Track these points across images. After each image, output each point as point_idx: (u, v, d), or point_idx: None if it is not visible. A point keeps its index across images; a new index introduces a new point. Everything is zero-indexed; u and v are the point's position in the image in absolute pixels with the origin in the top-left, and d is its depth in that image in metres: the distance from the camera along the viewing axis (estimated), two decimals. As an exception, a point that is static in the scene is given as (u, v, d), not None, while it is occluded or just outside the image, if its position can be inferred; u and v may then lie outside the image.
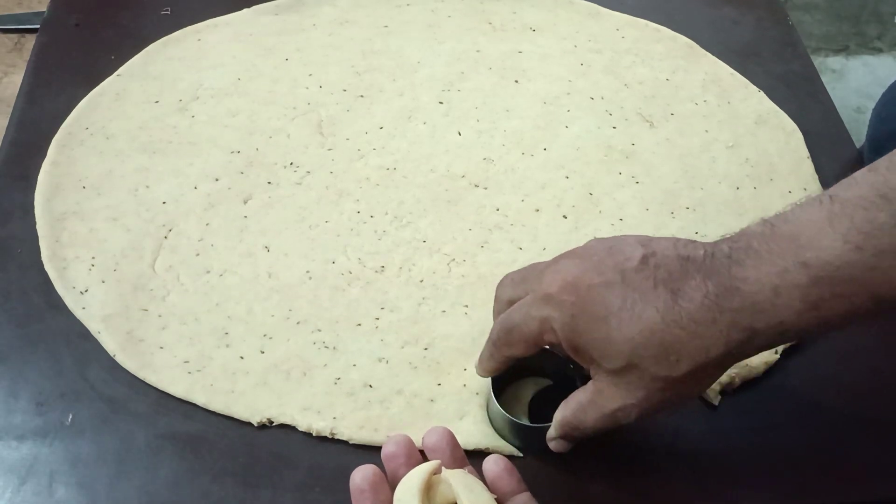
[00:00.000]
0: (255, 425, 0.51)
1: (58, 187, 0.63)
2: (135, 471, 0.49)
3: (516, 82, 0.73)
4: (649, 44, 0.77)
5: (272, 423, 0.51)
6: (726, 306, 0.39)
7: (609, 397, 0.43)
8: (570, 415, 0.45)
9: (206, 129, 0.67)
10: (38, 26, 0.77)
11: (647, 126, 0.69)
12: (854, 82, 1.64)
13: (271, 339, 0.55)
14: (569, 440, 0.46)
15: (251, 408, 0.51)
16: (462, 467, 0.43)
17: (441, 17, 0.78)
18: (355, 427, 0.51)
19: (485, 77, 0.73)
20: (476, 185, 0.64)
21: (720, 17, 0.81)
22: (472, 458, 0.45)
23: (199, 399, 0.52)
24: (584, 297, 0.42)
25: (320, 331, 0.55)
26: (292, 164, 0.65)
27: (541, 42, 0.76)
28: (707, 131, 0.69)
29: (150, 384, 0.52)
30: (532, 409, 0.51)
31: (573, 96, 0.71)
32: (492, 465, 0.43)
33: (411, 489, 0.39)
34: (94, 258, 0.58)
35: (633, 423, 0.43)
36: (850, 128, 0.71)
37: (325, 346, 0.54)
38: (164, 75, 0.71)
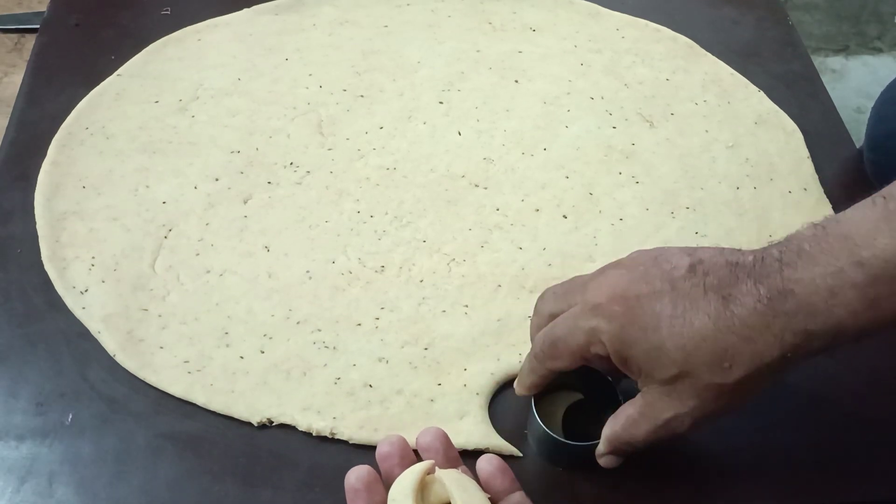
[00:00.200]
0: (255, 425, 0.51)
1: (58, 187, 0.63)
2: (134, 471, 0.49)
3: (516, 82, 0.73)
4: (649, 44, 0.77)
5: (272, 422, 0.51)
6: (780, 309, 0.39)
7: (661, 408, 0.42)
8: (621, 429, 0.44)
9: (206, 128, 0.67)
10: (38, 26, 0.77)
11: (647, 126, 0.70)
12: (854, 82, 1.64)
13: (271, 338, 0.55)
14: (619, 455, 0.46)
15: (251, 408, 0.51)
16: (456, 467, 0.43)
17: (441, 17, 0.78)
18: (355, 427, 0.51)
19: (485, 77, 0.73)
20: (476, 185, 0.64)
21: (720, 17, 0.81)
22: (469, 458, 0.45)
23: (199, 399, 0.52)
24: (633, 307, 0.41)
25: (320, 331, 0.55)
26: (292, 163, 0.65)
27: (541, 42, 0.76)
28: (707, 131, 0.69)
29: (150, 384, 0.52)
30: (564, 423, 0.50)
31: (573, 96, 0.71)
32: (485, 464, 0.42)
33: (405, 489, 0.39)
34: (94, 258, 0.58)
35: (685, 435, 0.43)
36: (849, 127, 0.71)
37: (325, 346, 0.54)
38: (164, 75, 0.71)
